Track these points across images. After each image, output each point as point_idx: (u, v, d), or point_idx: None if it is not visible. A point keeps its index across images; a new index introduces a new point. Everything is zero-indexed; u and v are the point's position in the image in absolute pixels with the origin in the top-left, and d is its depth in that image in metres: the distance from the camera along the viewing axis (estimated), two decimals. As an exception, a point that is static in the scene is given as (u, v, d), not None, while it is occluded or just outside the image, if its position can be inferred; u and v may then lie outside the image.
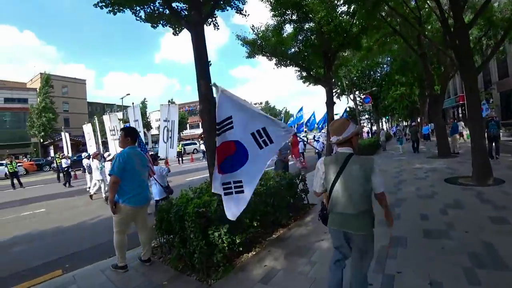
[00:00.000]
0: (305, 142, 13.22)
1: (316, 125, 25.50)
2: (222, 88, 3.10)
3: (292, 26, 12.48)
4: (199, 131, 66.24)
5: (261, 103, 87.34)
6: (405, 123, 53.14)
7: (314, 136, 22.10)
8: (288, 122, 23.37)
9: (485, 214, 4.69)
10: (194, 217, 3.36)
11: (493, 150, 9.93)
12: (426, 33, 13.62)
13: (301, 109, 22.60)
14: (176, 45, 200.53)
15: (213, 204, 3.55)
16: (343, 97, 28.36)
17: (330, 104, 11.69)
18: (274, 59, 13.84)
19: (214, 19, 6.92)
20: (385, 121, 56.81)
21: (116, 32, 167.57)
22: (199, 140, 66.73)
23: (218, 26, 7.10)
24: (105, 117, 11.02)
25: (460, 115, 31.39)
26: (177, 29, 6.88)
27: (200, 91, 4.96)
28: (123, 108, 34.30)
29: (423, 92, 25.63)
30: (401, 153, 15.86)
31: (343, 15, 11.97)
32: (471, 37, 10.07)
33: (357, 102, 26.82)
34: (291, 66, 13.49)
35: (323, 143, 16.03)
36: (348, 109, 27.45)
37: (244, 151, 3.14)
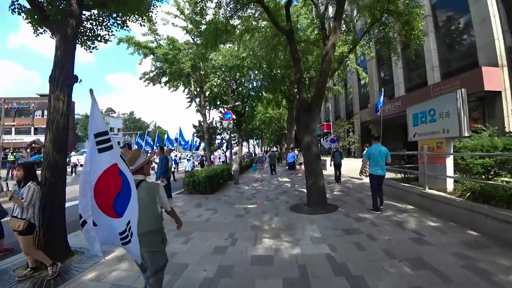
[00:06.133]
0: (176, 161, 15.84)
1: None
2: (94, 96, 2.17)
3: None
4: (30, 138, 48.72)
5: (124, 114, 73.48)
6: (274, 148, 52.37)
7: (187, 156, 22.59)
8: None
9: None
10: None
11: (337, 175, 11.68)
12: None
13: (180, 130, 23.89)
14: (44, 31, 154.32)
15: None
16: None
17: (59, 78, 4.18)
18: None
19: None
20: (255, 145, 54.77)
21: None
22: (27, 150, 49.11)
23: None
24: None
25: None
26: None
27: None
28: None
29: (292, 113, 22.04)
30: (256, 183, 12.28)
31: None
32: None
33: (209, 117, 20.97)
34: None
35: (193, 163, 17.12)
36: (198, 123, 20.81)
37: (127, 181, 2.18)
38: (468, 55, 12.98)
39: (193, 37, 15.54)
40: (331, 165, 12.18)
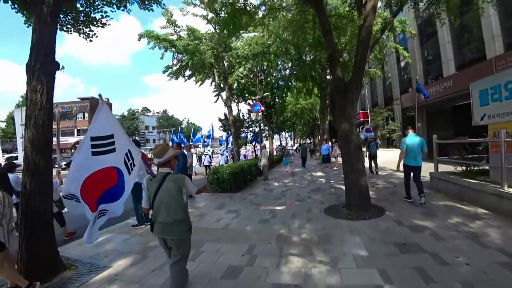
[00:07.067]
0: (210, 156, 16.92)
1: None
2: (105, 101, 2.99)
3: None
4: (73, 139, 52.14)
5: (158, 112, 75.76)
6: (308, 140, 50.68)
7: (221, 150, 23.69)
8: (197, 137, 27.92)
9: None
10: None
11: (372, 167, 11.76)
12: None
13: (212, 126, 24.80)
14: (85, 41, 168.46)
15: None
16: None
17: (35, 65, 3.44)
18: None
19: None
20: (288, 137, 53.29)
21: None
22: (72, 150, 52.86)
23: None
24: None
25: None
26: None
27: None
28: None
29: (324, 102, 20.47)
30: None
31: None
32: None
33: (237, 110, 20.21)
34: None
35: (227, 157, 17.81)
36: (224, 116, 19.88)
37: (122, 180, 3.16)
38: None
39: (214, 26, 14.67)
40: (366, 156, 11.36)
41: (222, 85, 16.04)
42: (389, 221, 4.98)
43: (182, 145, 9.25)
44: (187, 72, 16.27)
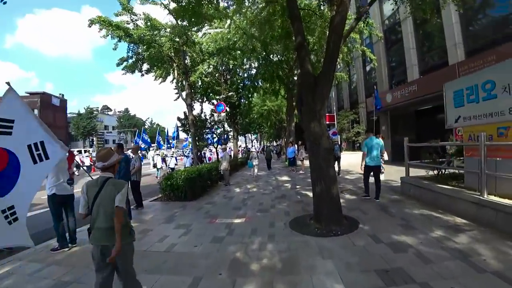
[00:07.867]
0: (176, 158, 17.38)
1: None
2: (13, 89, 2.83)
3: None
4: None
5: (120, 111, 71.35)
6: (275, 143, 50.58)
7: (184, 152, 22.88)
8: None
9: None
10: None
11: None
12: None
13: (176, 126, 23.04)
14: (41, 31, 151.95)
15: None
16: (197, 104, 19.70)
17: None
18: None
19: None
20: (254, 139, 52.70)
21: None
22: None
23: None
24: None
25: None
26: None
27: None
28: None
29: (291, 103, 19.99)
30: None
31: None
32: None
33: (201, 110, 19.08)
34: None
35: (192, 159, 16.19)
36: (184, 116, 18.50)
37: (16, 165, 2.75)
38: (503, 25, 10.91)
39: (175, 17, 13.40)
40: None
41: (184, 82, 14.72)
42: (364, 237, 4.25)
43: (134, 147, 7.92)
44: (145, 66, 14.78)
